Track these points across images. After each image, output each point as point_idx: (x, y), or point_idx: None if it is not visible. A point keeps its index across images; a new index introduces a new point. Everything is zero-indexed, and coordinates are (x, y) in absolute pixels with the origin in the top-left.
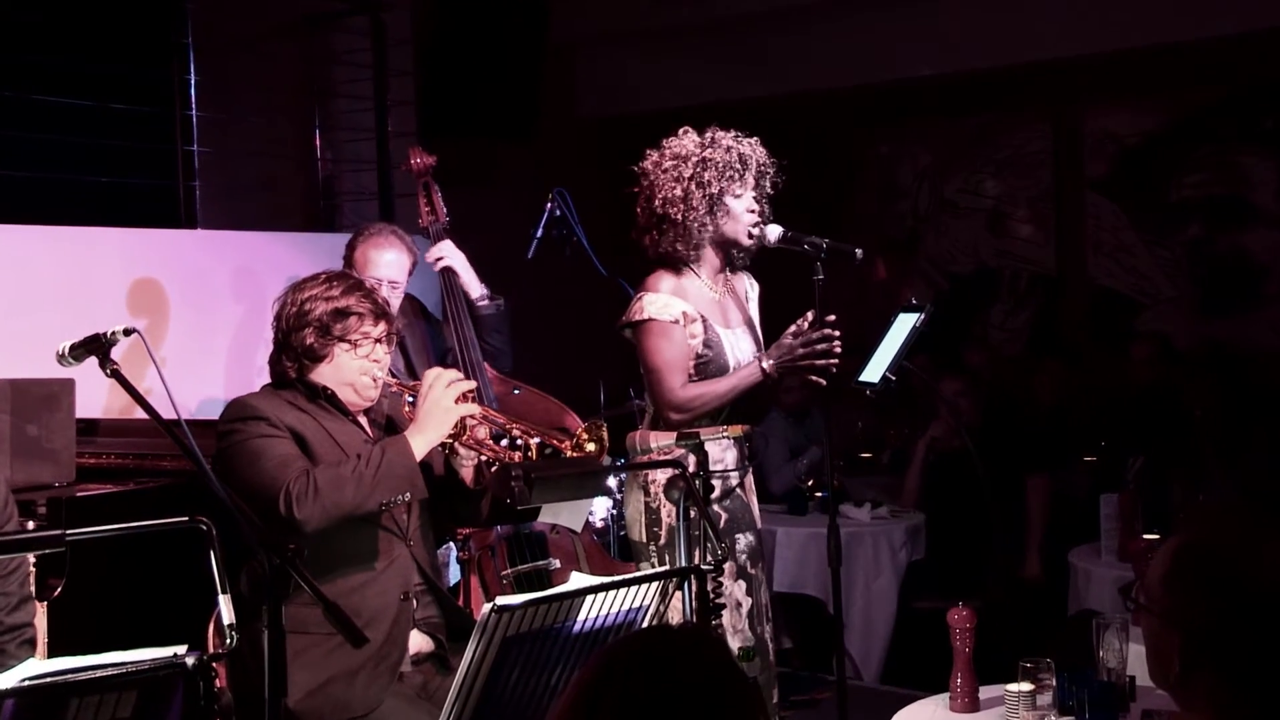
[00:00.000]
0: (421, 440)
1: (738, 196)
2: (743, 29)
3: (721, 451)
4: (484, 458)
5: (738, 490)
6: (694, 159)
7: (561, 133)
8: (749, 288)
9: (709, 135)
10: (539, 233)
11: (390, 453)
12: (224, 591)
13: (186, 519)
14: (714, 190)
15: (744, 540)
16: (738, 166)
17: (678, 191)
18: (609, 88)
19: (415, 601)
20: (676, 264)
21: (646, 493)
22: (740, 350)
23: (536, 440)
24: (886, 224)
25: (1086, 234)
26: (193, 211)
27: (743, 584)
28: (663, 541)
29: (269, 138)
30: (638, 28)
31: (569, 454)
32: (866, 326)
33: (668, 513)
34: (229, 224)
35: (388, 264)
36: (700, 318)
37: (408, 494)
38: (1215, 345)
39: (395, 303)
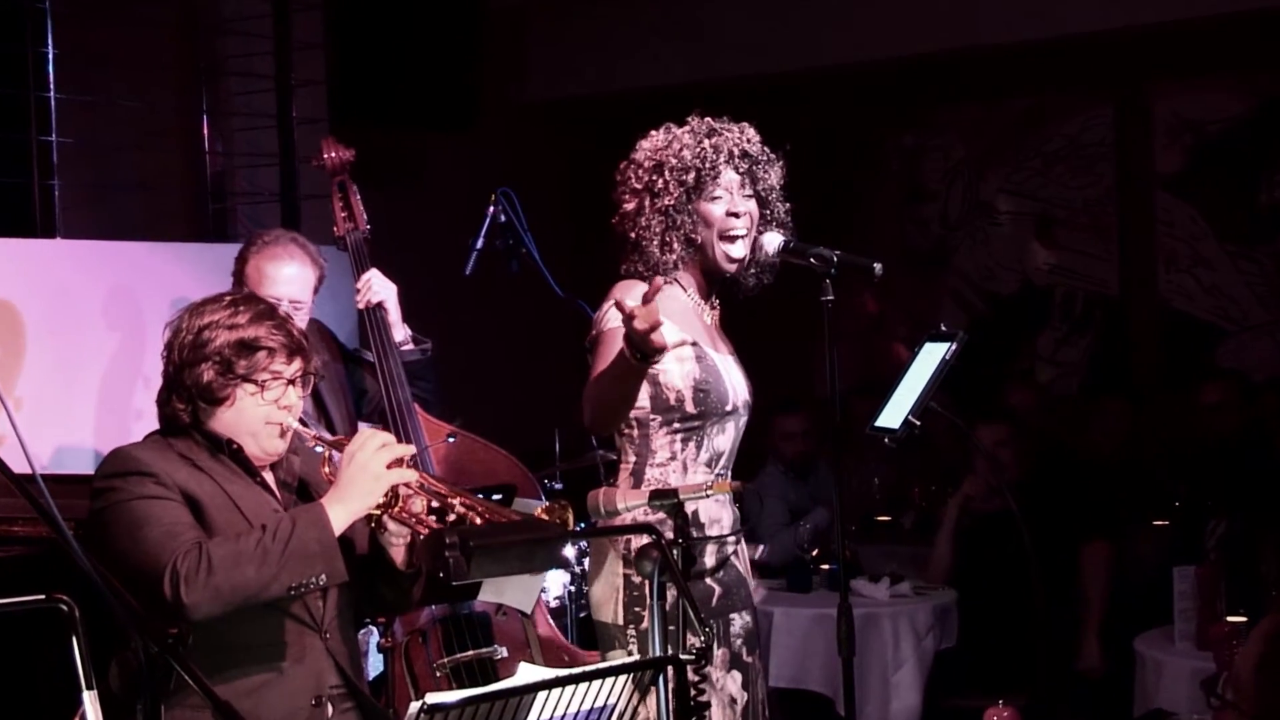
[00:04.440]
0: (342, 511)
1: (715, 199)
2: None
3: (718, 510)
4: (419, 535)
5: (732, 559)
6: (648, 164)
7: (506, 120)
8: None
9: (675, 131)
10: (479, 243)
11: (302, 525)
12: (89, 687)
13: (43, 597)
14: (669, 201)
15: (739, 621)
16: (697, 165)
17: (631, 206)
18: (564, 65)
19: (330, 707)
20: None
21: (627, 563)
22: (735, 380)
23: (485, 519)
24: (910, 232)
25: (1157, 244)
26: (52, 216)
27: (738, 675)
28: (645, 624)
29: (145, 126)
30: None
31: None
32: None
33: None
34: (97, 232)
35: (287, 280)
36: (690, 341)
37: (323, 577)
38: None
39: (301, 323)
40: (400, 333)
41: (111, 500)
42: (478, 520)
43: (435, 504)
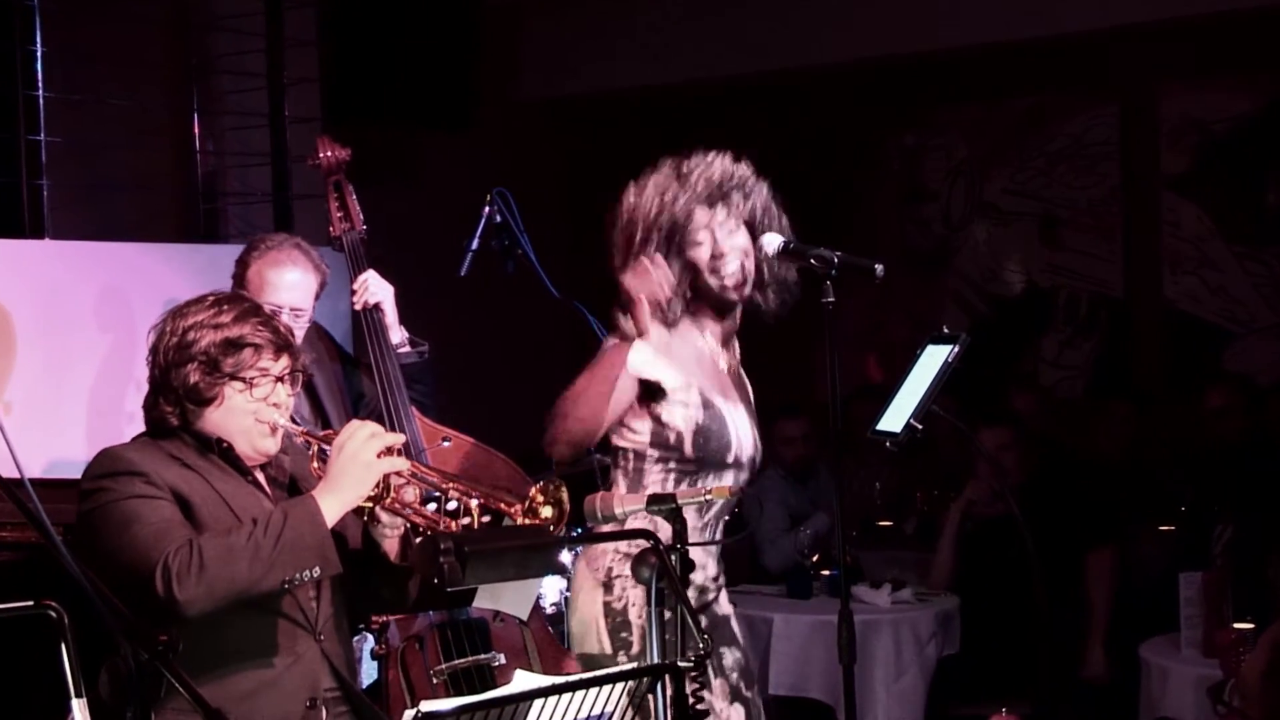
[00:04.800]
0: (334, 502)
1: (698, 244)
2: None
3: (704, 556)
4: (412, 526)
5: (713, 606)
6: (627, 225)
7: (503, 119)
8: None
9: (645, 183)
10: (475, 244)
11: (294, 517)
12: (79, 694)
13: (31, 603)
14: (658, 252)
15: (731, 656)
16: (671, 215)
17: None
18: (561, 63)
19: (325, 710)
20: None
21: (608, 590)
22: (742, 433)
23: (478, 503)
24: (911, 232)
25: (1162, 245)
26: (41, 216)
27: (740, 709)
28: (636, 650)
29: (135, 125)
30: None
31: (519, 521)
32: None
33: (638, 613)
34: (87, 232)
35: (290, 286)
36: (693, 385)
37: (316, 569)
38: None
39: (300, 334)
40: (397, 335)
41: (101, 501)
42: (472, 504)
43: (428, 492)
